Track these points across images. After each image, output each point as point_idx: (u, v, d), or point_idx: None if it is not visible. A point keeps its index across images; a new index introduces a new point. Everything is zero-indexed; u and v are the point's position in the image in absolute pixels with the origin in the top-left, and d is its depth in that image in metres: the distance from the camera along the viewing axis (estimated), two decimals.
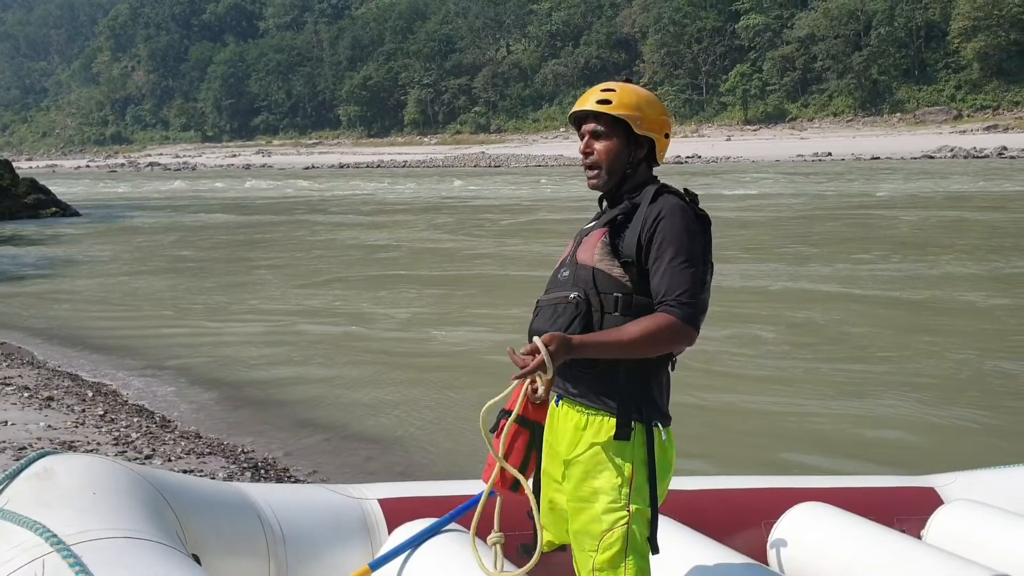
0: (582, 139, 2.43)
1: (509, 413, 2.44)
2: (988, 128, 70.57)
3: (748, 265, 13.54)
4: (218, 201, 36.24)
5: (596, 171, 2.40)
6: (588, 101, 2.39)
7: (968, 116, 76.55)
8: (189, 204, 34.63)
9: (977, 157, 53.55)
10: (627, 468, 2.28)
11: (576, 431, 2.34)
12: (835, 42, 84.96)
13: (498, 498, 2.51)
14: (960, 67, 79.85)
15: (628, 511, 2.26)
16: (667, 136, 2.41)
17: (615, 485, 2.27)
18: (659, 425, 2.32)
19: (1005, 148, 55.55)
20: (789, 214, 22.99)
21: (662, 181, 2.43)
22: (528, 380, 2.37)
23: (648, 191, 2.36)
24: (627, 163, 2.38)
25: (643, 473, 2.29)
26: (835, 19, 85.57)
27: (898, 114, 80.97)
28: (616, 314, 2.27)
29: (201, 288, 13.21)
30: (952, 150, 57.60)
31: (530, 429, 2.47)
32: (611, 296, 2.28)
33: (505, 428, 2.43)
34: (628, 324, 2.23)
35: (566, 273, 2.38)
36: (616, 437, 2.27)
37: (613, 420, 2.29)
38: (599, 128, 2.38)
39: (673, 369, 2.39)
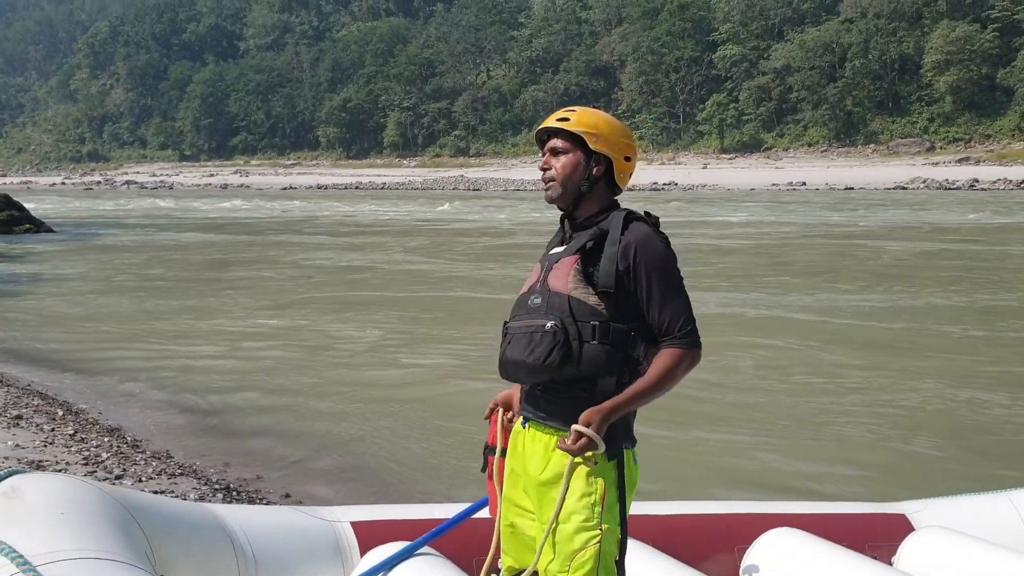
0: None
1: (493, 449, 2.55)
2: (960, 160, 71.64)
3: (728, 293, 13.60)
4: (194, 220, 36.03)
5: (552, 183, 2.46)
6: (550, 120, 2.49)
7: (941, 148, 77.69)
8: (165, 223, 34.39)
9: (949, 189, 54.24)
10: (599, 488, 2.29)
11: (546, 452, 2.37)
12: (810, 73, 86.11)
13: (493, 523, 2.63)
14: (933, 100, 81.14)
15: (600, 530, 2.28)
16: (628, 160, 2.46)
17: (587, 504, 2.29)
18: (627, 446, 2.36)
19: (976, 180, 56.38)
20: (771, 242, 23.12)
21: (628, 206, 2.48)
22: (503, 412, 2.59)
23: (616, 218, 2.39)
24: (583, 179, 2.43)
25: (614, 493, 2.31)
26: (811, 51, 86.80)
27: (872, 145, 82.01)
28: (594, 342, 2.30)
29: (171, 308, 13.07)
30: (925, 181, 58.31)
31: None
32: (588, 324, 2.31)
33: (495, 465, 2.56)
34: (647, 373, 2.30)
35: (537, 300, 2.40)
36: None
37: None
38: (558, 144, 2.46)
39: None
